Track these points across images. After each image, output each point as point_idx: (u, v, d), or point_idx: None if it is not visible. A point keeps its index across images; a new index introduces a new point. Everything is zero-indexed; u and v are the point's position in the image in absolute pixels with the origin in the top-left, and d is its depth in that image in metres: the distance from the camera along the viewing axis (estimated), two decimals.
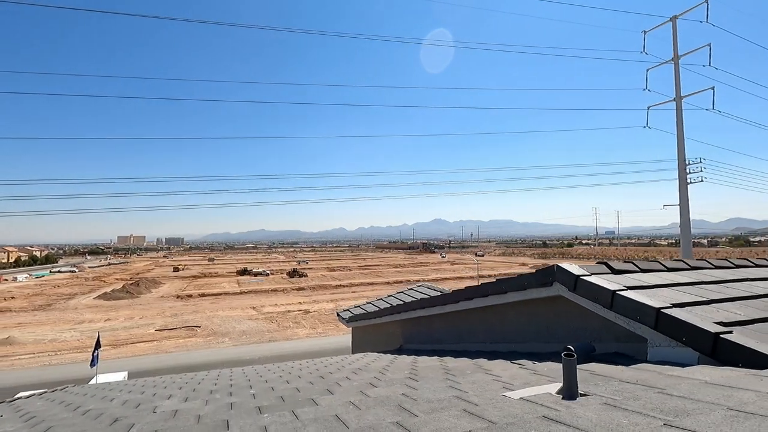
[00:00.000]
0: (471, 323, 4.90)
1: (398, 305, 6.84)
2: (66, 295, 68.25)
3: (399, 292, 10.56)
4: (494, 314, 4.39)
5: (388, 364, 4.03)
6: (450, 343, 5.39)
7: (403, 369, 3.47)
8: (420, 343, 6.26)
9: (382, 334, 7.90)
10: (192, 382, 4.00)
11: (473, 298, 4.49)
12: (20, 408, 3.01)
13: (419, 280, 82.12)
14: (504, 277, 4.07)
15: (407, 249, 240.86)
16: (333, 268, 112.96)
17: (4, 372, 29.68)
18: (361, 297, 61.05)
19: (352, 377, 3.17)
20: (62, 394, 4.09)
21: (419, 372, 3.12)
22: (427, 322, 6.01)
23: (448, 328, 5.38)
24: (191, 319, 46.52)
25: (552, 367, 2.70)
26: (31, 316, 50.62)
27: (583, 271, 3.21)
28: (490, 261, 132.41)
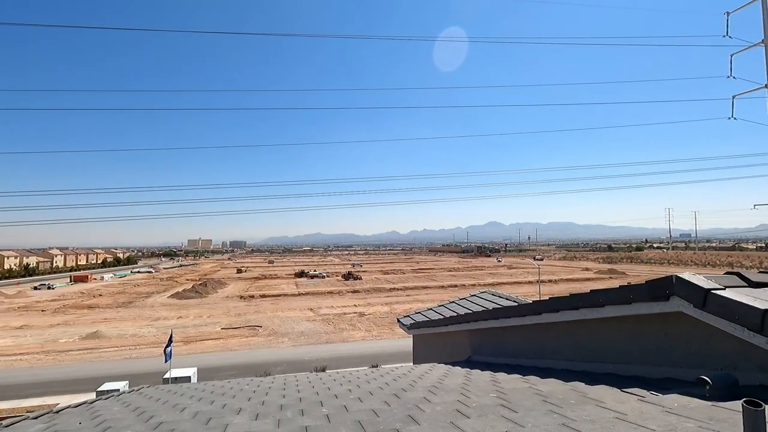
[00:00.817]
0: (555, 338, 4.38)
1: (467, 314, 6.41)
2: (144, 293, 74.41)
3: (462, 298, 10.07)
4: (585, 329, 3.86)
5: (465, 382, 3.65)
6: (528, 357, 4.89)
7: (486, 390, 3.08)
8: (491, 355, 5.79)
9: (447, 343, 7.49)
10: (260, 391, 3.87)
11: (559, 311, 3.99)
12: (98, 414, 3.00)
13: (475, 284, 79.93)
14: (601, 288, 3.54)
15: (461, 252, 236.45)
16: (387, 271, 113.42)
17: (93, 363, 32.73)
18: (416, 301, 60.54)
19: (432, 398, 2.83)
20: (137, 397, 4.13)
21: (509, 396, 2.72)
22: (499, 334, 5.53)
23: (526, 342, 4.88)
24: (253, 319, 48.64)
25: (683, 402, 2.19)
26: (115, 313, 55.64)
27: (714, 283, 2.64)
28: (549, 265, 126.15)
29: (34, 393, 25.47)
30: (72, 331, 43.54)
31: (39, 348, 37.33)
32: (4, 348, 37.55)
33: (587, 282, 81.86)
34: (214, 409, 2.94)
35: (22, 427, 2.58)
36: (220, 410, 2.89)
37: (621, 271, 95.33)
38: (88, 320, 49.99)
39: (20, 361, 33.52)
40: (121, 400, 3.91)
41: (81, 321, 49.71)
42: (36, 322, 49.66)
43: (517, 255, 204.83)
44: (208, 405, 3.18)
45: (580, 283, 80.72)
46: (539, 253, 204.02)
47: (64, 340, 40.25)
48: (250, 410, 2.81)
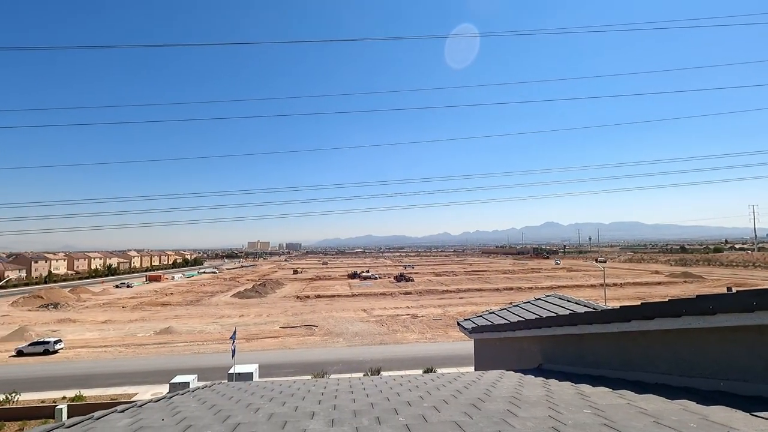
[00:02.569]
0: (646, 348, 3.92)
1: (537, 319, 6.00)
2: (209, 292, 79.21)
3: (526, 302, 9.56)
4: (688, 340, 3.40)
5: (547, 393, 3.34)
6: (611, 368, 4.44)
7: (576, 405, 2.77)
8: (567, 364, 5.36)
9: (513, 349, 7.09)
10: (328, 394, 3.81)
11: (654, 318, 3.55)
12: (178, 410, 3.06)
13: (531, 287, 76.76)
14: (709, 294, 3.09)
15: (516, 254, 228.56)
16: (439, 273, 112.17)
17: (166, 356, 35.25)
18: (470, 303, 59.19)
19: (517, 412, 2.58)
20: (211, 394, 4.23)
21: (608, 413, 2.41)
22: (576, 341, 5.10)
23: (610, 351, 4.44)
24: (309, 319, 50.01)
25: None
26: (185, 310, 59.67)
27: None
28: (614, 268, 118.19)
29: (117, 382, 27.87)
30: (148, 327, 47.28)
31: (120, 341, 40.88)
32: (91, 340, 41.56)
33: (658, 286, 75.66)
34: (288, 412, 2.89)
35: (111, 420, 2.67)
36: (294, 413, 2.83)
37: (697, 275, 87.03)
38: (161, 317, 54.07)
39: (105, 352, 36.89)
40: (196, 396, 4.02)
41: (155, 317, 53.86)
42: (117, 317, 54.53)
43: (577, 257, 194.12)
44: (281, 406, 3.14)
45: (649, 287, 74.83)
46: (601, 254, 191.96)
47: (141, 334, 43.78)
48: (323, 415, 2.72)
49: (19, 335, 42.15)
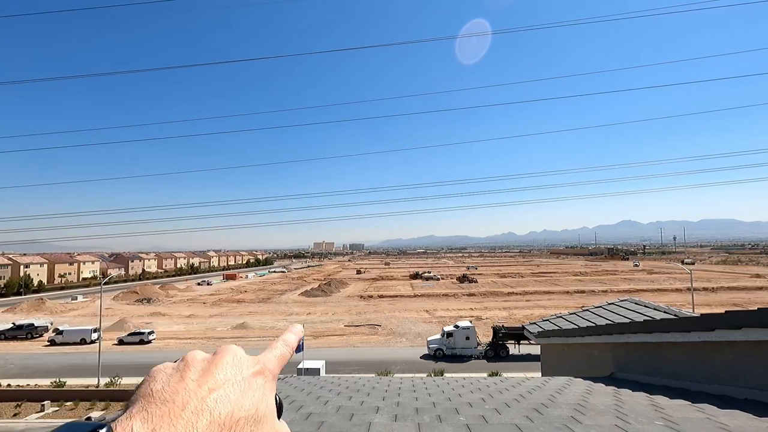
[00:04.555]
0: (734, 361, 3.61)
1: (608, 325, 5.71)
2: (279, 291, 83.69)
3: (597, 306, 9.06)
4: None
5: (616, 403, 3.23)
6: (693, 381, 4.12)
7: (647, 415, 2.67)
8: (642, 374, 5.04)
9: (583, 355, 6.79)
10: (391, 391, 3.96)
11: (741, 328, 3.27)
12: None
13: (606, 291, 71.59)
14: None
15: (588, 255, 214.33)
16: (503, 275, 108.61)
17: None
18: (537, 306, 56.68)
19: (581, 419, 2.55)
20: (285, 386, 4.58)
21: (681, 426, 2.31)
22: (653, 350, 4.79)
23: (692, 362, 4.13)
24: (373, 318, 50.95)
25: None
26: (257, 307, 63.61)
27: None
28: (703, 271, 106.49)
29: None
30: (225, 321, 51.13)
31: (202, 334, 44.66)
32: (178, 332, 45.85)
33: (759, 291, 66.98)
34: (354, 405, 3.08)
35: None
36: (359, 407, 3.01)
37: None
38: (237, 312, 58.17)
39: (190, 344, 40.49)
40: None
41: (232, 313, 58.07)
42: (199, 312, 59.58)
43: (659, 258, 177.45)
44: (347, 400, 3.35)
45: (748, 292, 66.51)
46: (688, 255, 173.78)
47: (220, 328, 47.47)
48: (387, 410, 2.88)
49: (119, 326, 47.70)
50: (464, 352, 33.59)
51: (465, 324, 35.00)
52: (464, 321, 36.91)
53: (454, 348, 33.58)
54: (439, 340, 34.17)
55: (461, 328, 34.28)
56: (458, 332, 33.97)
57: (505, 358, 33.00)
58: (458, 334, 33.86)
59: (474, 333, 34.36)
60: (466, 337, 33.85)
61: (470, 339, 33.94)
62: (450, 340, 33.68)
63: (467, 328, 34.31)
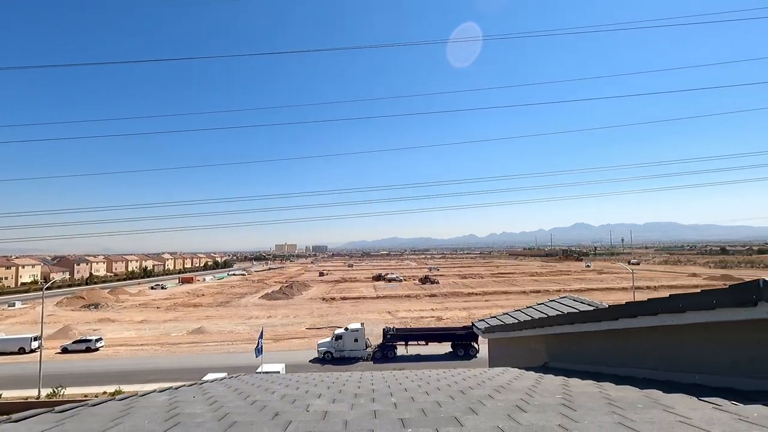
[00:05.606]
0: (636, 345, 4.17)
1: (541, 318, 6.27)
2: (239, 294, 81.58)
3: (540, 303, 9.74)
4: (668, 337, 3.64)
5: (534, 384, 3.67)
6: (608, 365, 4.68)
7: (553, 392, 3.11)
8: (569, 362, 5.60)
9: (523, 348, 7.35)
10: (338, 383, 4.25)
11: (637, 316, 3.81)
12: (207, 391, 3.58)
13: (559, 290, 75.13)
14: (682, 293, 3.35)
15: (544, 256, 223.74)
16: (464, 276, 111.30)
17: (198, 355, 36.76)
18: (495, 306, 58.61)
19: (495, 396, 2.94)
20: (236, 381, 4.76)
21: (574, 398, 2.74)
22: (577, 340, 5.35)
23: (606, 349, 4.68)
24: (335, 320, 50.83)
25: (765, 413, 2.07)
26: (215, 311, 61.77)
27: None
28: (647, 270, 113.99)
29: (153, 379, 29.33)
30: (181, 327, 49.32)
31: (156, 340, 42.88)
32: (129, 339, 43.77)
33: (694, 289, 72.45)
34: (299, 394, 3.34)
35: (152, 397, 3.20)
36: (304, 395, 3.28)
37: (738, 278, 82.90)
38: (193, 317, 56.24)
39: (142, 350, 38.81)
40: (223, 383, 4.56)
41: (188, 317, 56.07)
42: (153, 317, 57.09)
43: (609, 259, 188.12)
44: (294, 390, 3.61)
45: (685, 290, 71.83)
46: (635, 256, 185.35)
47: (175, 333, 45.74)
48: (328, 396, 3.16)
49: (63, 334, 44.90)
50: (353, 354, 33.92)
51: (355, 326, 35.28)
52: (355, 324, 36.81)
53: (342, 350, 33.84)
54: (328, 343, 34.35)
55: (350, 331, 34.58)
56: (347, 335, 34.25)
57: (392, 359, 33.55)
58: (347, 337, 34.14)
59: (363, 335, 34.76)
60: (355, 339, 34.24)
61: (359, 341, 34.35)
62: (339, 343, 33.91)
63: (356, 330, 34.65)
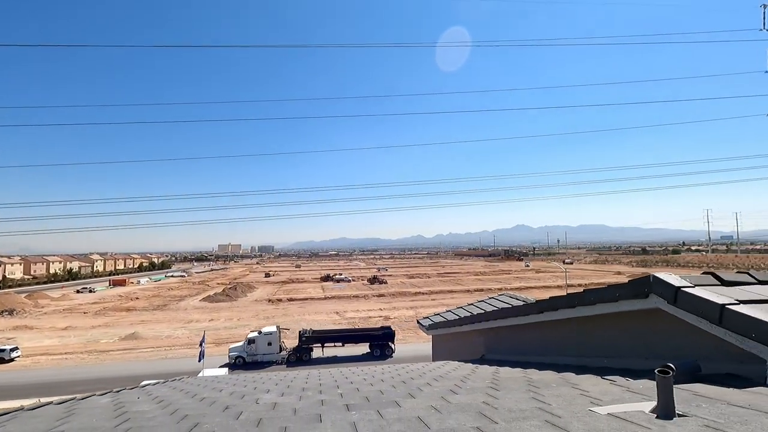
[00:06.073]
0: (557, 335, 4.68)
1: (479, 314, 6.74)
2: (177, 297, 77.34)
3: (480, 300, 10.34)
4: (582, 326, 4.15)
5: (469, 373, 4.02)
6: (535, 355, 5.18)
7: (484, 378, 3.46)
8: (503, 353, 6.10)
9: (462, 343, 7.82)
10: (285, 380, 4.37)
11: (558, 309, 4.29)
12: (151, 393, 3.56)
13: (501, 288, 78.98)
14: (593, 287, 3.84)
15: (488, 256, 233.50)
16: (412, 275, 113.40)
17: (131, 362, 34.47)
18: (441, 305, 60.41)
19: (434, 384, 3.23)
20: (179, 383, 4.71)
21: (501, 382, 3.09)
22: (509, 333, 5.84)
23: (533, 340, 5.18)
24: (282, 322, 49.76)
25: (648, 385, 2.51)
26: (151, 315, 58.16)
27: (685, 282, 2.93)
28: (580, 269, 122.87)
29: (80, 390, 27.10)
30: (112, 333, 45.92)
31: (82, 348, 39.60)
32: (51, 348, 40.05)
33: None
34: (247, 390, 3.44)
35: (93, 400, 3.15)
36: (252, 391, 3.38)
37: None
38: (126, 322, 52.56)
39: (66, 359, 35.70)
40: (167, 385, 4.49)
41: (120, 323, 52.31)
42: (79, 323, 52.60)
43: (546, 259, 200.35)
44: (242, 388, 3.69)
45: None
46: (569, 256, 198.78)
47: (104, 340, 42.52)
48: (277, 391, 3.29)
49: None
50: (266, 358, 33.06)
51: (268, 329, 34.45)
52: (269, 327, 35.81)
53: (255, 354, 33.01)
54: (240, 348, 33.39)
55: (264, 334, 33.66)
56: (261, 338, 33.35)
57: (307, 361, 32.95)
58: (260, 340, 33.24)
59: (277, 338, 33.92)
60: (269, 343, 33.39)
61: (273, 344, 33.54)
62: (251, 347, 33.05)
63: (270, 333, 33.78)
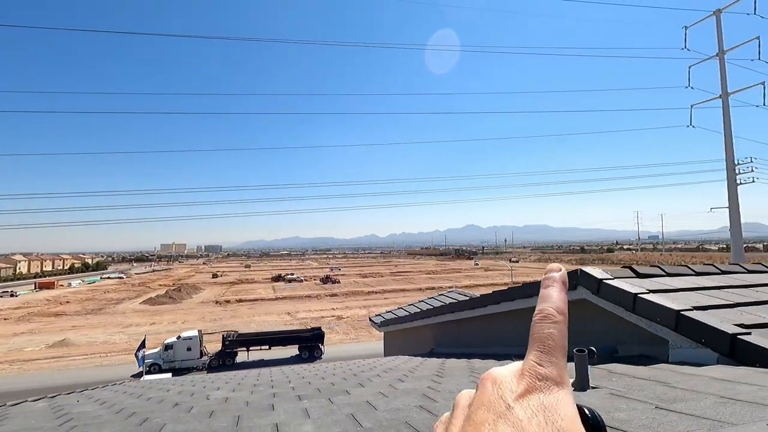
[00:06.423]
0: (500, 327, 5.00)
1: (428, 310, 7.01)
2: (115, 300, 72.34)
3: (430, 297, 10.68)
4: (521, 318, 4.49)
5: (417, 365, 4.22)
6: (480, 346, 5.50)
7: (431, 369, 3.66)
8: (451, 347, 6.39)
9: (413, 338, 8.07)
10: (236, 378, 4.34)
11: (500, 302, 4.61)
12: (91, 395, 3.42)
13: (452, 286, 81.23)
14: (531, 281, 4.17)
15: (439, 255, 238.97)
16: (365, 275, 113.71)
17: (61, 371, 31.85)
18: (394, 303, 61.14)
19: (383, 375, 3.38)
20: (121, 386, 4.53)
21: (446, 371, 3.30)
22: (456, 327, 6.14)
23: (478, 332, 5.50)
24: (230, 324, 48.11)
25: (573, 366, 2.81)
26: (84, 320, 54.00)
27: (606, 275, 3.30)
28: (525, 267, 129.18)
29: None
30: (38, 340, 42.12)
31: (2, 357, 36.01)
32: None
33: None
34: (196, 389, 3.41)
35: (26, 405, 2.98)
36: (202, 389, 3.36)
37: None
38: (55, 328, 48.40)
39: None
40: (107, 388, 4.29)
41: (48, 329, 48.07)
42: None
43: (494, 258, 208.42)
44: (190, 387, 3.64)
45: None
46: (515, 255, 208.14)
47: (29, 348, 38.92)
48: (228, 388, 3.30)
49: None
50: (185, 365, 31.04)
51: (188, 334, 32.55)
52: (190, 331, 33.75)
53: (173, 361, 31.11)
54: (155, 354, 31.33)
55: (183, 339, 31.81)
56: (179, 343, 31.50)
57: (231, 366, 30.86)
58: (179, 346, 31.38)
59: (197, 343, 32.08)
60: (188, 348, 31.59)
61: (192, 350, 31.74)
62: (169, 353, 31.20)
63: (189, 338, 31.92)
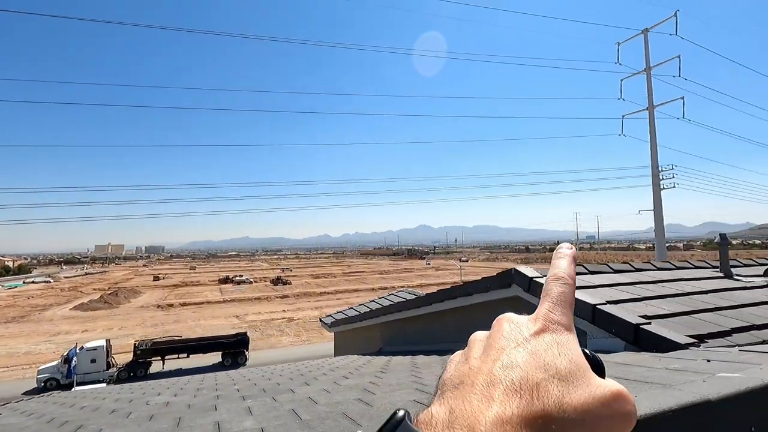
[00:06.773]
0: (443, 324, 5.24)
1: (377, 309, 7.16)
2: (41, 306, 66.26)
3: (381, 297, 10.84)
4: (463, 315, 4.75)
5: (364, 363, 4.33)
6: (426, 344, 5.72)
7: (377, 366, 3.79)
8: (399, 345, 6.57)
9: (362, 338, 8.19)
10: (179, 383, 4.23)
11: (444, 300, 4.84)
12: (16, 408, 3.22)
13: (404, 286, 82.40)
14: (471, 280, 4.43)
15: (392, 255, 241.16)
16: (317, 275, 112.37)
17: None
18: (346, 304, 60.93)
19: (329, 373, 3.47)
20: (50, 397, 4.27)
21: (390, 367, 3.44)
22: (404, 325, 6.33)
23: (424, 330, 5.71)
24: (173, 329, 45.71)
25: None
26: (4, 329, 49.00)
27: (537, 273, 3.59)
28: (474, 266, 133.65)
29: None
30: None
31: None
32: None
33: None
34: (135, 396, 3.30)
35: None
36: (141, 395, 3.27)
37: None
38: None
39: None
40: (34, 400, 4.02)
41: None
42: None
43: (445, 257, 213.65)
44: (128, 394, 3.52)
45: None
46: (465, 255, 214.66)
47: None
48: (169, 393, 3.23)
49: None
50: (87, 378, 27.85)
51: (93, 344, 29.78)
52: (96, 341, 30.97)
53: (74, 375, 27.94)
54: (53, 368, 28.39)
55: (86, 350, 28.91)
56: (81, 355, 28.48)
57: (143, 377, 27.76)
58: (82, 357, 28.41)
59: (104, 354, 29.38)
60: (92, 360, 28.86)
61: (98, 361, 29.00)
62: (69, 366, 27.99)
63: (94, 349, 29.17)
